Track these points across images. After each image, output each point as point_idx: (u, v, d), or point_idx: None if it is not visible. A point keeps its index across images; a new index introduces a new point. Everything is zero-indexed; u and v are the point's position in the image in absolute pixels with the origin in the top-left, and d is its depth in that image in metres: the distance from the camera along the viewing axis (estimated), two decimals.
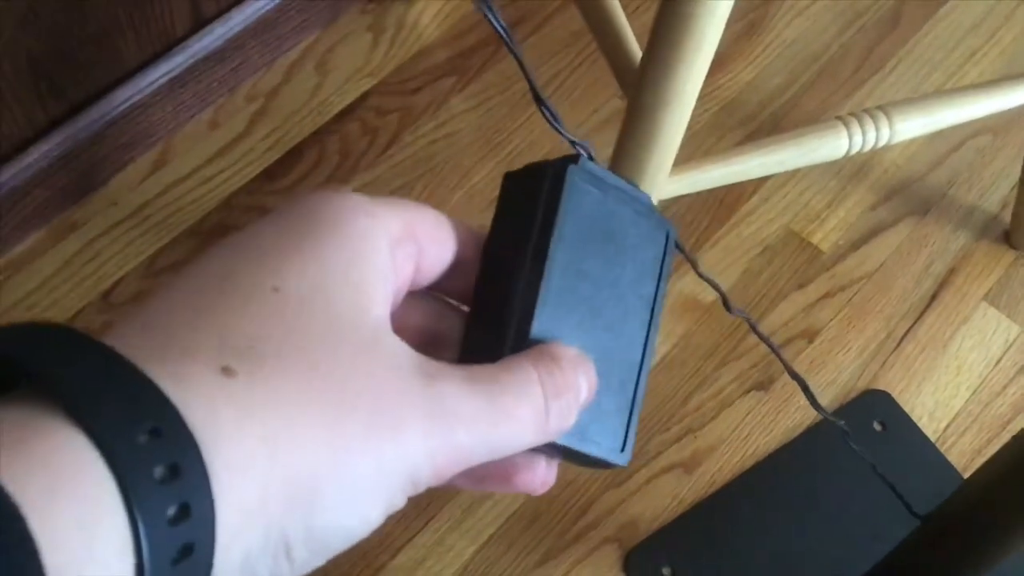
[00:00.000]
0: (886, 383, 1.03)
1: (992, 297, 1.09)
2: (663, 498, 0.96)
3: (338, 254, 0.26)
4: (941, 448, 1.00)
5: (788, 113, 1.17)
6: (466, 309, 0.31)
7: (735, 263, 1.08)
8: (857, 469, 0.69)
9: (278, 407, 0.23)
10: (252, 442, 0.22)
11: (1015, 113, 0.91)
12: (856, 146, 0.83)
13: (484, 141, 1.12)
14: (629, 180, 0.32)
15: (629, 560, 0.93)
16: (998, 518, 0.71)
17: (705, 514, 0.95)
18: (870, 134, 0.83)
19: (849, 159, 1.02)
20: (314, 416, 0.23)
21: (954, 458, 1.00)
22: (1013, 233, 1.11)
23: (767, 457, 0.98)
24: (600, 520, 0.94)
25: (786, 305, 1.07)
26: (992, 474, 0.72)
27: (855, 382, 1.03)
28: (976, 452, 1.00)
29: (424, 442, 0.24)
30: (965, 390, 1.04)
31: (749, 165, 0.81)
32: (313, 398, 0.23)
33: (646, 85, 0.68)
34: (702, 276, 0.40)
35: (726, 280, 1.07)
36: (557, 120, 0.33)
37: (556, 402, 0.28)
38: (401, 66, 1.15)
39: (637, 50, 0.82)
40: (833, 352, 1.04)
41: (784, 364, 0.51)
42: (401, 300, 0.29)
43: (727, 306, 0.42)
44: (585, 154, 0.32)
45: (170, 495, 0.20)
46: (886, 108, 0.83)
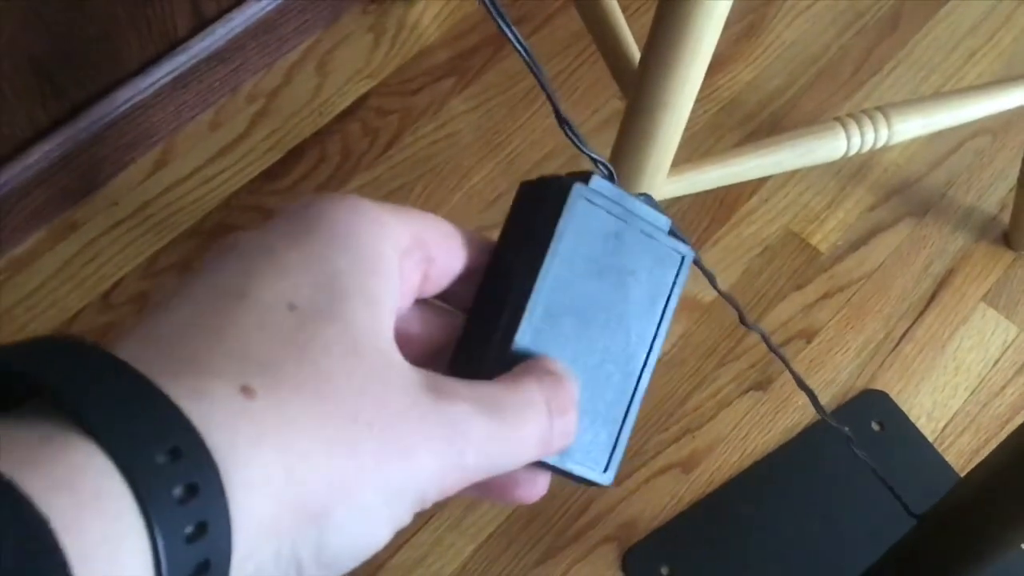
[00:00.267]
0: (884, 383, 1.03)
1: (991, 298, 1.09)
2: (662, 498, 0.96)
3: (351, 269, 0.26)
4: (939, 448, 1.01)
5: (787, 114, 1.18)
6: None
7: (735, 263, 1.09)
8: (855, 469, 0.70)
9: (296, 429, 0.23)
10: (269, 462, 0.22)
11: (1014, 114, 0.92)
12: (855, 147, 0.83)
13: (484, 142, 1.12)
14: (652, 202, 0.32)
15: (628, 559, 0.93)
16: (993, 516, 0.71)
17: (703, 514, 0.95)
18: (868, 135, 0.83)
19: (848, 160, 1.02)
20: (328, 438, 0.23)
21: (952, 458, 1.00)
22: (1012, 234, 1.11)
23: (765, 457, 0.99)
24: (599, 519, 0.95)
25: (785, 305, 1.07)
26: (987, 473, 0.72)
27: (853, 382, 1.03)
28: (974, 452, 1.01)
29: (434, 464, 0.25)
30: (963, 390, 1.04)
31: (747, 166, 0.81)
32: (328, 420, 0.23)
33: (644, 86, 0.68)
34: (721, 293, 0.40)
35: (726, 280, 1.07)
36: (580, 140, 0.32)
37: (560, 420, 0.28)
38: (401, 67, 1.16)
39: (636, 51, 0.82)
40: (832, 352, 1.05)
41: (795, 376, 0.50)
42: (408, 308, 0.29)
43: (744, 322, 0.42)
44: (606, 173, 0.31)
45: (188, 514, 0.21)
46: (884, 109, 0.84)
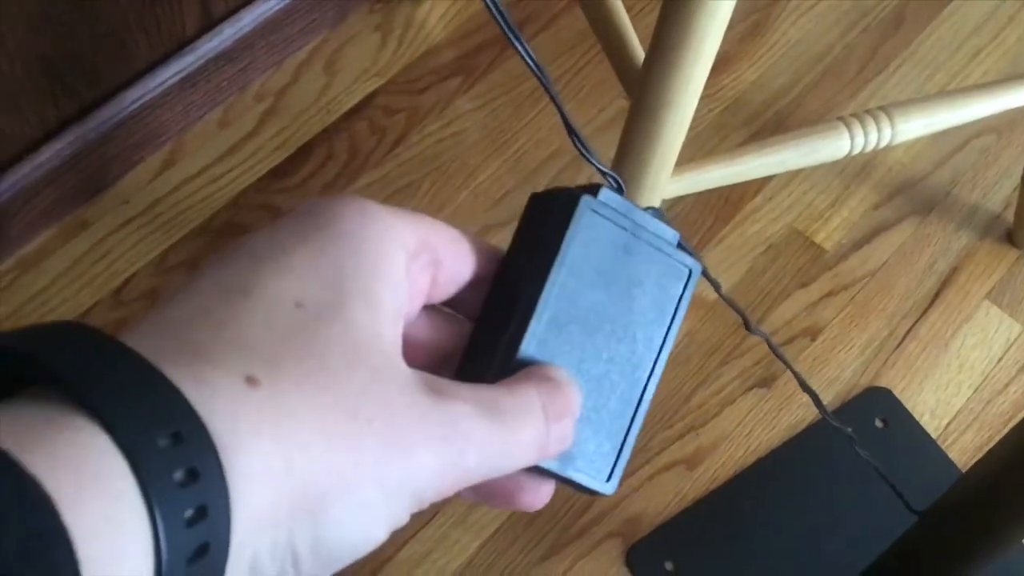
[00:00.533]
0: (888, 381, 1.04)
1: (994, 296, 1.09)
2: (666, 494, 0.97)
3: (358, 270, 0.26)
4: (943, 445, 1.01)
5: (792, 113, 1.18)
6: None
7: (739, 261, 1.09)
8: (859, 466, 0.70)
9: (297, 421, 0.23)
10: (270, 452, 0.23)
11: (1019, 113, 0.92)
12: (858, 147, 0.83)
13: (490, 141, 1.13)
14: (661, 215, 0.33)
15: (632, 555, 0.94)
16: (995, 512, 0.71)
17: (707, 510, 0.96)
18: (872, 135, 0.83)
19: (852, 159, 1.03)
20: (329, 431, 0.24)
21: (955, 455, 1.01)
22: (1016, 232, 1.11)
23: (769, 454, 0.99)
24: (603, 516, 0.95)
25: (789, 303, 1.07)
26: (988, 469, 0.72)
27: (857, 380, 1.04)
28: (977, 449, 1.01)
29: (433, 463, 0.25)
30: (967, 388, 1.04)
31: (751, 165, 0.82)
32: (330, 416, 0.24)
33: (649, 86, 0.69)
34: (725, 299, 0.41)
35: (730, 278, 1.08)
36: (589, 151, 0.32)
37: (557, 425, 0.28)
38: (408, 66, 1.17)
39: (640, 51, 0.83)
40: (836, 350, 1.05)
41: (798, 378, 0.51)
42: (416, 314, 0.30)
43: (748, 327, 0.43)
44: (613, 185, 0.32)
45: (188, 497, 0.21)
46: (888, 109, 0.84)
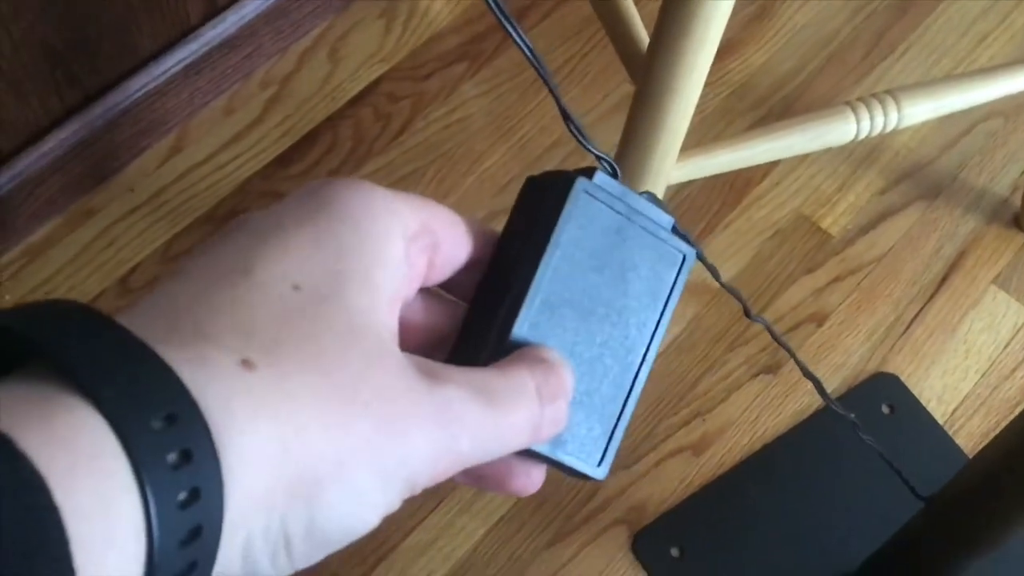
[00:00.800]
0: (895, 366, 1.04)
1: (1002, 281, 1.09)
2: (671, 481, 0.97)
3: (357, 253, 0.26)
4: (949, 431, 1.01)
5: (799, 97, 1.17)
6: None
7: (745, 247, 1.09)
8: (865, 452, 0.70)
9: (292, 405, 0.23)
10: (264, 435, 0.23)
11: None
12: (864, 131, 0.83)
13: (495, 127, 1.13)
14: (656, 199, 0.33)
15: (638, 542, 0.94)
16: (1001, 499, 0.71)
17: (713, 496, 0.96)
18: (878, 119, 0.83)
19: (859, 143, 1.02)
20: (326, 419, 0.24)
21: (962, 441, 1.01)
22: (1023, 217, 1.11)
23: (775, 440, 0.99)
24: (609, 502, 0.96)
25: (796, 289, 1.07)
26: (994, 455, 0.72)
27: (864, 365, 1.04)
28: (984, 435, 1.01)
29: (427, 447, 0.25)
30: (974, 373, 1.04)
31: (757, 151, 0.82)
32: (326, 401, 0.24)
33: (653, 72, 0.69)
34: (725, 286, 0.40)
35: (736, 263, 1.08)
36: (584, 136, 0.32)
37: (550, 406, 0.28)
38: (413, 52, 1.16)
39: (645, 37, 0.82)
40: (842, 336, 1.05)
41: (800, 365, 0.51)
42: (413, 296, 0.29)
43: (748, 314, 0.43)
44: (608, 169, 0.32)
45: (181, 479, 0.21)
46: (895, 93, 0.84)
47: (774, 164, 1.12)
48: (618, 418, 0.32)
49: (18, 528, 0.19)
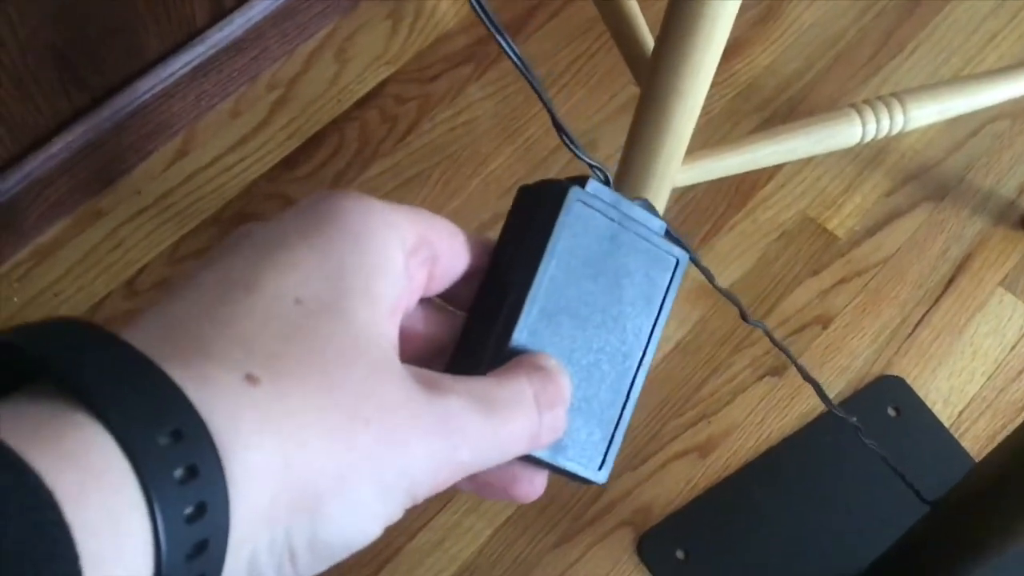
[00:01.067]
0: (901, 369, 1.03)
1: (1008, 283, 1.09)
2: (677, 483, 0.97)
3: (359, 267, 0.26)
4: (955, 434, 1.01)
5: (805, 98, 1.17)
6: None
7: (751, 249, 1.09)
8: (870, 455, 0.70)
9: (295, 419, 0.24)
10: (269, 450, 0.23)
11: None
12: (869, 134, 0.83)
13: (501, 128, 1.13)
14: (649, 205, 0.33)
15: (643, 543, 0.94)
16: (1007, 503, 0.71)
17: (719, 499, 0.96)
18: (884, 122, 0.83)
19: (865, 145, 1.02)
20: (329, 433, 0.24)
21: (968, 444, 1.00)
22: None
23: (781, 443, 0.99)
24: (614, 504, 0.96)
25: (801, 291, 1.07)
26: (1001, 459, 0.72)
27: (869, 368, 1.04)
28: (990, 438, 1.01)
29: (428, 460, 0.26)
30: (980, 376, 1.04)
31: (762, 154, 0.81)
32: (329, 415, 0.24)
33: (658, 74, 0.68)
34: (720, 291, 0.40)
35: (742, 266, 1.08)
36: (576, 145, 0.33)
37: (549, 413, 0.29)
38: (420, 54, 1.16)
39: (650, 39, 0.82)
40: (848, 338, 1.05)
41: (799, 368, 0.51)
42: (412, 309, 0.30)
43: (744, 317, 0.43)
44: (601, 177, 0.32)
45: (188, 494, 0.21)
46: (901, 95, 0.84)
47: (779, 166, 1.12)
48: (617, 422, 0.32)
49: (29, 544, 0.19)
